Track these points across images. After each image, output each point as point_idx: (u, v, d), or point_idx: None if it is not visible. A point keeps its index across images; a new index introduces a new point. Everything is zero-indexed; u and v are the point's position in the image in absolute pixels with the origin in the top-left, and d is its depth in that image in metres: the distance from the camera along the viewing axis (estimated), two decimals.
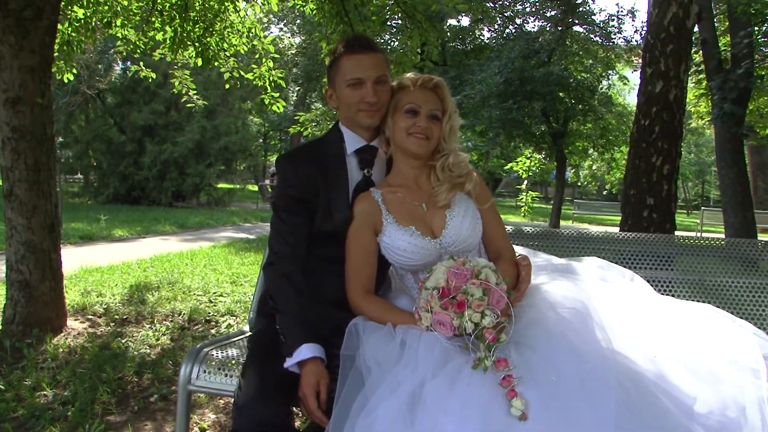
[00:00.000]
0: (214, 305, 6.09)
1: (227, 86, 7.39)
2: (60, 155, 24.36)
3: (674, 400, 1.63)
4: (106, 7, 6.46)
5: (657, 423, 1.53)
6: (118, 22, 6.53)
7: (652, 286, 2.32)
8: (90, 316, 5.46)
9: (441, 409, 1.59)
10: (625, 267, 2.38)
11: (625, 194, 5.69)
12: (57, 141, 24.47)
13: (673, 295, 2.67)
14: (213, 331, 5.20)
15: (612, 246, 2.93)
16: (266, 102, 7.26)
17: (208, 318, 5.59)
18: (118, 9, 6.52)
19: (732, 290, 2.81)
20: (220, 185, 25.34)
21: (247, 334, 2.69)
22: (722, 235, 11.72)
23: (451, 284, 1.86)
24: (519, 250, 2.40)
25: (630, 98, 28.07)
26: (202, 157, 22.33)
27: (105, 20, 6.42)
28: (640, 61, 6.00)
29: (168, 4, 6.66)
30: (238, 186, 31.66)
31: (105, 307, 5.74)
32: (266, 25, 24.51)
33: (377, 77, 2.13)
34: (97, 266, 7.94)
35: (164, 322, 5.35)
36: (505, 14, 18.35)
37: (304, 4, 6.86)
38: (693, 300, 2.49)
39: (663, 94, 5.47)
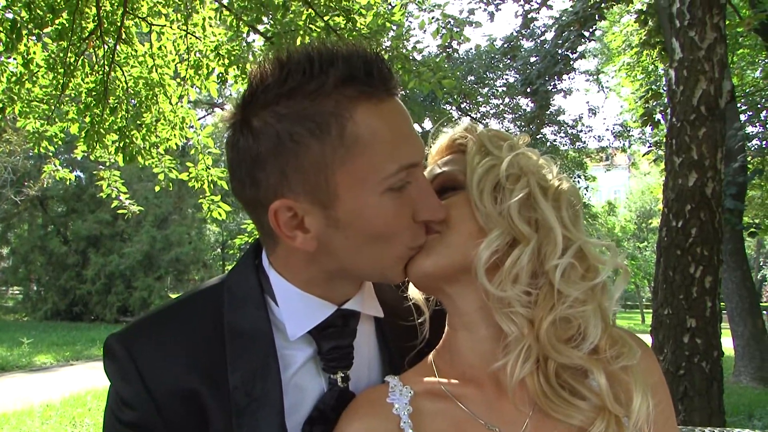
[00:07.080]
0: None
1: (158, 188, 6.06)
2: None
3: None
4: (3, 95, 5.20)
5: None
6: (16, 110, 5.22)
7: None
8: None
9: None
10: None
11: (656, 315, 4.60)
12: None
13: None
14: None
15: None
16: (205, 207, 5.90)
17: None
18: (20, 94, 5.25)
19: None
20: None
21: None
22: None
23: None
24: None
25: (593, 199, 27.91)
26: (151, 270, 20.65)
27: None
28: (660, 151, 5.05)
29: (84, 90, 5.42)
30: None
31: None
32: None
33: None
34: None
35: None
36: (471, 116, 17.95)
37: None
38: None
39: (698, 188, 4.54)
